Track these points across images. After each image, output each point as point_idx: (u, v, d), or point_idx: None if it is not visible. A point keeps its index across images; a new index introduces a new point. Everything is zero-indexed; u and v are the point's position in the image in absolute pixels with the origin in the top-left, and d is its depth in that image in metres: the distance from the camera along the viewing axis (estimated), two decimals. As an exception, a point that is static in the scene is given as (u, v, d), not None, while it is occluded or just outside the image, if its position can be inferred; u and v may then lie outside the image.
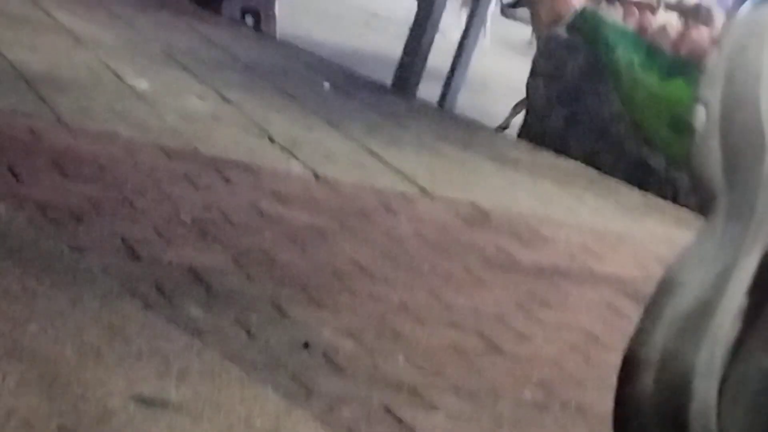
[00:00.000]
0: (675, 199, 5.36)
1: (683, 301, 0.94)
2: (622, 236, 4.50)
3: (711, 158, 1.03)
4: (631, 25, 5.97)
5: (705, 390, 0.87)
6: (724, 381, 0.87)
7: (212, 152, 4.21)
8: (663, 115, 5.74)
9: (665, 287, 0.98)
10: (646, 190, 5.40)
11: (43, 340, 2.47)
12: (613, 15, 6.01)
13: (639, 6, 5.98)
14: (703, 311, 0.91)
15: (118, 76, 4.85)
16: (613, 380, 3.15)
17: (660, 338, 0.94)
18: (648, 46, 5.86)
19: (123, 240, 3.23)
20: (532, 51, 6.44)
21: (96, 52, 5.17)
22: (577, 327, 3.46)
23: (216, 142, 4.34)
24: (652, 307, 0.97)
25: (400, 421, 2.62)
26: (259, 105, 4.99)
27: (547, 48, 6.15)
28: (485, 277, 3.69)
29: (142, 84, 4.81)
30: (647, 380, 0.91)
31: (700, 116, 1.07)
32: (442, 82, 6.48)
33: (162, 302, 2.89)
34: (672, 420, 0.88)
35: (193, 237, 3.42)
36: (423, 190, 4.41)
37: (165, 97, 4.73)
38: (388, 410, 2.65)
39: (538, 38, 6.26)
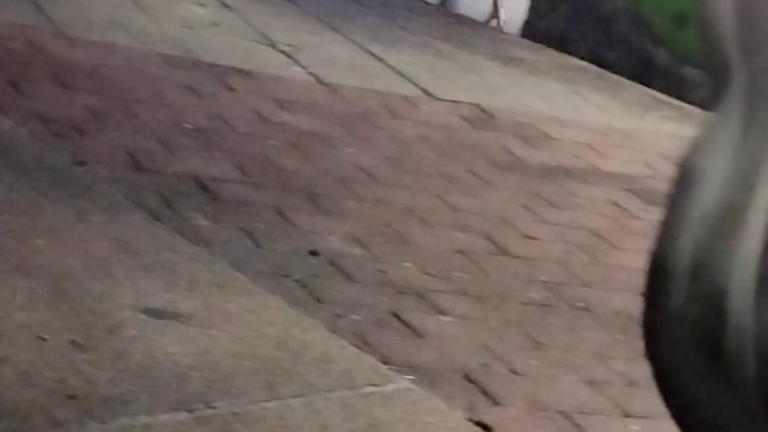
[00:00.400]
0: (680, 95, 5.32)
1: (709, 198, 0.86)
2: (628, 133, 4.48)
3: (724, 23, 0.88)
4: None
5: (740, 301, 0.83)
6: (759, 292, 0.83)
7: (213, 59, 4.18)
8: (667, 10, 5.68)
9: (684, 183, 0.89)
10: (652, 86, 5.36)
11: (51, 254, 2.48)
12: None
13: None
14: (734, 214, 0.84)
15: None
16: (619, 278, 3.15)
17: (689, 243, 0.86)
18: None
19: (127, 151, 3.23)
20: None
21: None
22: (584, 226, 3.47)
23: (217, 49, 4.31)
24: (674, 208, 0.88)
25: (408, 325, 2.64)
26: (259, 10, 4.95)
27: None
28: (491, 179, 3.69)
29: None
30: (679, 292, 0.86)
31: None
32: None
33: (168, 213, 2.90)
34: (706, 335, 0.84)
35: (197, 146, 3.41)
36: (426, 92, 4.38)
37: (164, 5, 4.69)
38: (396, 315, 2.67)
39: None
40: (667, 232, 0.91)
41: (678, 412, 0.88)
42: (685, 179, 0.89)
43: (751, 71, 0.90)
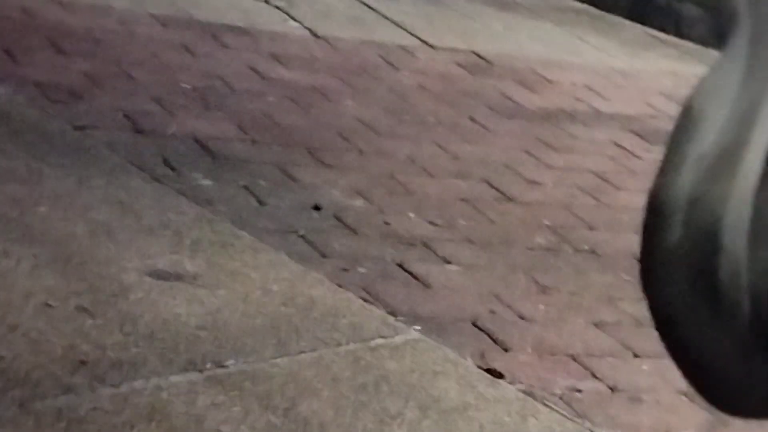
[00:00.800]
0: (678, 32, 5.30)
1: (708, 138, 0.87)
2: (627, 73, 4.47)
3: None
4: None
5: (734, 238, 0.84)
6: (753, 227, 0.83)
7: (207, 18, 4.16)
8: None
9: (686, 124, 0.90)
10: (649, 24, 5.33)
11: (54, 221, 2.48)
12: None
13: None
14: (731, 152, 0.85)
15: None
16: (624, 220, 3.15)
17: (686, 181, 0.87)
18: None
19: (125, 114, 3.22)
20: None
21: None
22: (586, 169, 3.46)
23: (210, 7, 4.28)
24: (674, 147, 0.90)
25: (414, 276, 2.64)
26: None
27: None
28: (491, 125, 3.67)
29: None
30: (674, 229, 0.87)
31: None
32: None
33: (169, 174, 2.89)
34: (700, 271, 0.85)
35: (196, 106, 3.40)
36: (423, 42, 4.36)
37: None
38: (401, 266, 2.67)
39: None
40: (665, 170, 0.91)
41: (673, 349, 0.89)
42: (685, 120, 0.90)
43: (756, 15, 0.90)
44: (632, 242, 3.05)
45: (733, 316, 0.82)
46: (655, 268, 0.90)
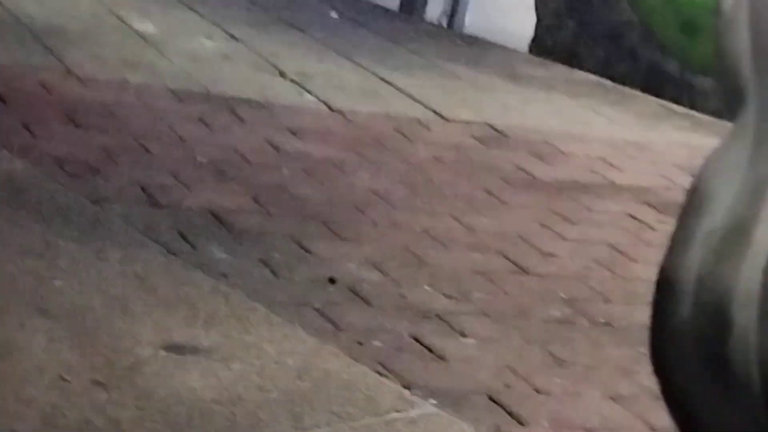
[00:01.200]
0: (692, 104, 5.32)
1: (716, 216, 0.87)
2: (641, 145, 4.48)
3: (739, 45, 0.90)
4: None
5: (744, 316, 0.84)
6: (762, 305, 0.83)
7: (224, 92, 4.19)
8: (674, 19, 5.68)
9: (695, 201, 0.91)
10: (662, 96, 5.36)
11: (70, 294, 2.48)
12: None
13: None
14: (740, 230, 0.85)
15: (123, 22, 4.83)
16: (640, 292, 3.14)
17: (695, 259, 0.88)
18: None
19: (142, 187, 3.24)
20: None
21: (103, 7, 5.15)
22: (601, 241, 3.46)
23: (227, 81, 4.32)
24: (683, 224, 0.90)
25: (429, 349, 2.63)
26: (267, 40, 4.96)
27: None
28: (506, 197, 3.68)
29: (149, 28, 4.79)
30: (684, 307, 0.87)
31: None
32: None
33: (185, 247, 2.90)
34: (711, 349, 0.85)
35: (211, 179, 3.42)
36: (437, 114, 4.39)
37: (172, 40, 4.71)
38: (417, 339, 2.66)
39: None
40: (674, 247, 0.92)
41: (685, 427, 0.89)
42: (694, 197, 0.90)
43: (763, 93, 0.91)
44: (648, 315, 3.04)
45: (744, 393, 0.82)
46: (665, 345, 0.90)
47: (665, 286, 0.90)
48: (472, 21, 6.40)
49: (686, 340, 0.89)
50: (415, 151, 3.98)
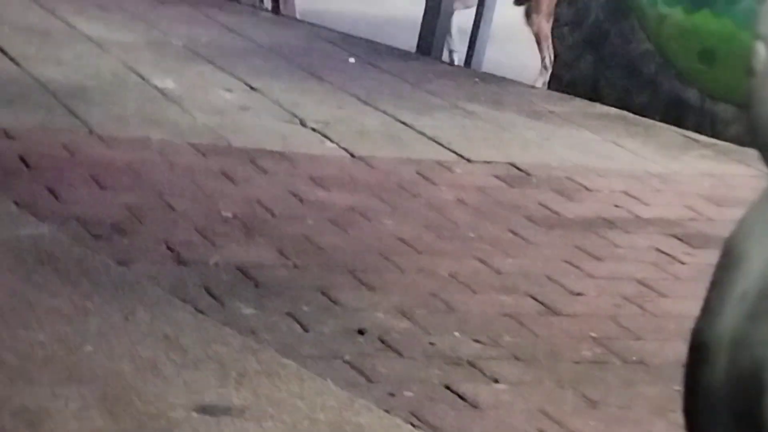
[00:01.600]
0: (714, 133, 5.31)
1: (750, 277, 0.87)
2: (665, 177, 4.47)
3: None
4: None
5: None
6: None
7: (245, 144, 4.21)
8: (693, 48, 5.68)
9: (728, 262, 0.91)
10: (684, 126, 5.35)
11: (100, 359, 2.49)
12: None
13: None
14: None
15: (144, 79, 4.86)
16: (671, 328, 3.12)
17: (729, 320, 0.88)
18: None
19: (168, 246, 3.25)
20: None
21: (119, 56, 5.19)
22: (629, 277, 3.45)
23: (248, 133, 4.34)
24: (717, 286, 0.91)
25: (461, 396, 2.62)
26: (286, 89, 4.98)
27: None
28: (531, 237, 3.68)
29: (169, 84, 4.82)
30: (718, 368, 0.87)
31: (760, 53, 0.98)
32: (466, 39, 6.46)
33: (213, 305, 2.91)
34: (744, 412, 0.85)
35: (237, 233, 3.43)
36: (459, 155, 4.39)
37: (192, 94, 4.74)
38: (448, 387, 2.65)
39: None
40: (707, 310, 0.92)
41: None
42: (726, 260, 0.90)
43: None
44: (680, 351, 3.02)
45: None
46: (698, 407, 0.89)
47: (699, 349, 0.89)
48: (489, 59, 6.42)
49: (720, 403, 0.88)
50: (438, 194, 3.98)
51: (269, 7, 7.13)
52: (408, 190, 3.98)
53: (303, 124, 4.55)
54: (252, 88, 4.97)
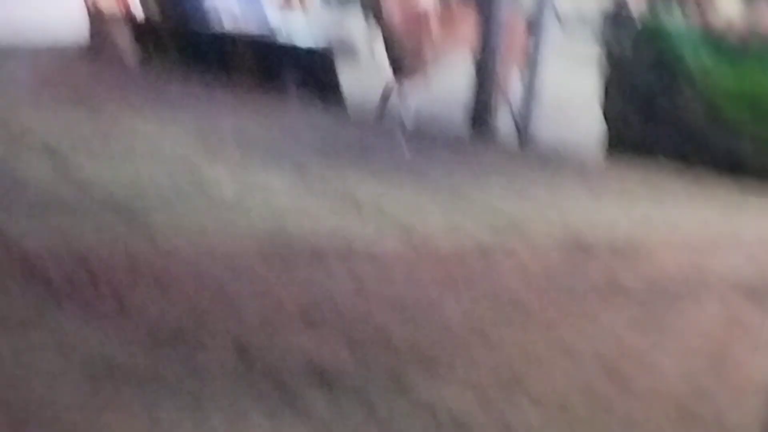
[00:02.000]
0: (771, 184, 5.26)
1: None
2: (728, 234, 4.42)
3: None
4: (695, 21, 5.91)
5: None
6: None
7: (305, 238, 4.22)
8: (742, 100, 5.64)
9: None
10: (741, 180, 5.31)
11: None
12: (675, 15, 5.96)
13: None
14: None
15: (201, 186, 4.89)
16: (755, 403, 3.04)
17: None
18: (713, 38, 5.79)
19: (237, 347, 3.25)
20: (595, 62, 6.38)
21: (177, 164, 5.23)
22: (702, 346, 3.40)
23: (307, 228, 4.36)
24: None
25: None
26: (342, 180, 5.00)
27: (614, 58, 6.11)
28: (598, 309, 3.64)
29: (226, 183, 4.86)
30: None
31: None
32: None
33: (287, 407, 2.90)
34: None
35: (303, 328, 3.42)
36: (520, 233, 4.38)
37: (250, 195, 4.77)
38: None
39: None
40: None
41: None
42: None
43: None
44: None
45: None
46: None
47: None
48: (542, 135, 6.41)
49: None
50: (500, 271, 3.96)
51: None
52: (470, 269, 3.97)
53: (361, 212, 4.56)
54: (308, 182, 5.00)
